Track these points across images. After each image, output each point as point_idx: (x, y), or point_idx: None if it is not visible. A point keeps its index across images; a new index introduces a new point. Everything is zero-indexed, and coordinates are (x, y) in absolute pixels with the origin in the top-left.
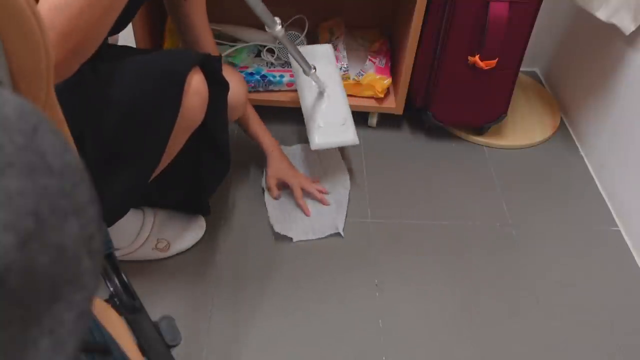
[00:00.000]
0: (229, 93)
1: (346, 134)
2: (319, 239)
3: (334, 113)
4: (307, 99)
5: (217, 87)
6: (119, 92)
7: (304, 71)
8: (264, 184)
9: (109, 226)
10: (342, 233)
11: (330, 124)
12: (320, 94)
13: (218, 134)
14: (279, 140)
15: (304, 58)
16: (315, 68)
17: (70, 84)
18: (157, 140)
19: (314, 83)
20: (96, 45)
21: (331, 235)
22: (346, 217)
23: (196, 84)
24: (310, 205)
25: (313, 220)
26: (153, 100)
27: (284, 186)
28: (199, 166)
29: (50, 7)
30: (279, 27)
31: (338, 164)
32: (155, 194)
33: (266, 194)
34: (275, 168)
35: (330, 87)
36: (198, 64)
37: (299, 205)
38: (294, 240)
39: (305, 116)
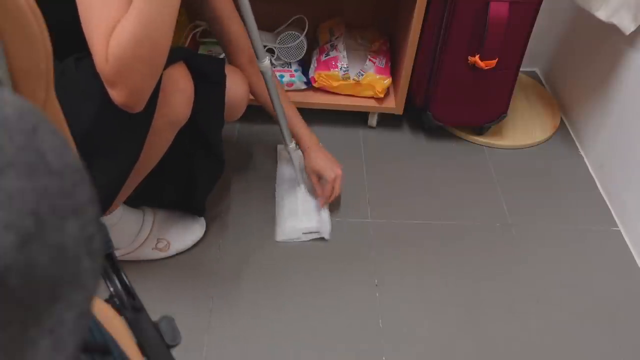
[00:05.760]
0: (229, 92)
1: (315, 223)
2: (318, 239)
3: (308, 205)
4: (284, 193)
5: (209, 85)
6: (94, 87)
7: (284, 140)
8: (276, 185)
9: None
10: (327, 237)
11: (307, 211)
12: (298, 190)
13: (210, 133)
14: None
15: (288, 128)
16: (297, 147)
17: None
18: (133, 136)
19: (293, 175)
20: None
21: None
22: (333, 218)
23: (177, 80)
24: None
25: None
26: None
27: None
28: (193, 165)
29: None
30: (266, 62)
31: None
32: (151, 193)
33: (276, 194)
34: (313, 162)
35: (302, 190)
36: (181, 61)
37: (320, 200)
38: (277, 240)
39: (277, 208)
